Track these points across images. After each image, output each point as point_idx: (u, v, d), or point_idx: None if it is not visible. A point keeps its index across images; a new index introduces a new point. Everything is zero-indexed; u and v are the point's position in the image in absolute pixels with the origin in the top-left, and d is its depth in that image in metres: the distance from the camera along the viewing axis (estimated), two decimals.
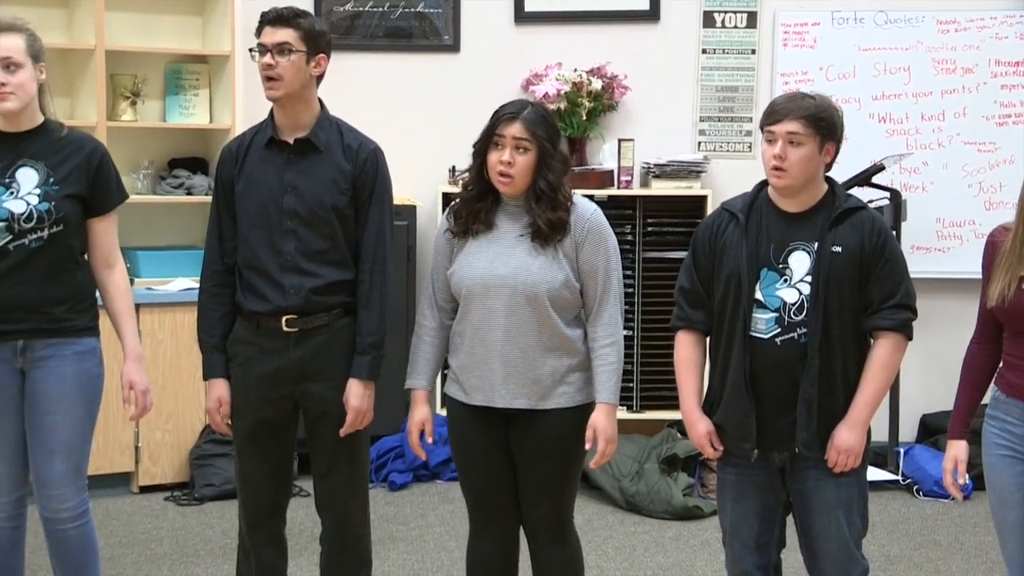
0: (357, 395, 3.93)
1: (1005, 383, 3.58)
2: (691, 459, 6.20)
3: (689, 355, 3.81)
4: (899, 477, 6.46)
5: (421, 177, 6.71)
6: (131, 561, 5.31)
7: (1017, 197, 3.55)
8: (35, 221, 3.81)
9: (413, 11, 6.89)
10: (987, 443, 3.62)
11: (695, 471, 6.23)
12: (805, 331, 3.58)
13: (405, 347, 4.01)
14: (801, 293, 3.59)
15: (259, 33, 3.91)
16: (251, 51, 3.93)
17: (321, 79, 3.98)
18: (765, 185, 3.73)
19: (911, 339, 3.68)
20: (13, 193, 3.82)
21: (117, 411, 4.19)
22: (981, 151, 6.92)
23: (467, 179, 3.86)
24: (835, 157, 3.66)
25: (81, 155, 3.90)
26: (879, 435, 4.18)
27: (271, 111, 3.99)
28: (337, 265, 3.95)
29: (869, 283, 3.61)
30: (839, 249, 3.59)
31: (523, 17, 6.93)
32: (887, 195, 6.49)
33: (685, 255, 3.87)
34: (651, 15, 6.95)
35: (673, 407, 6.51)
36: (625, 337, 3.89)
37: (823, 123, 3.59)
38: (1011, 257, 3.49)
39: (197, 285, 4.18)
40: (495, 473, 3.85)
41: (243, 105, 6.35)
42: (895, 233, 5.97)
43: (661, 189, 6.75)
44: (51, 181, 3.84)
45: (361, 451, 4.07)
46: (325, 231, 3.91)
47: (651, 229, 6.74)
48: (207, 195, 6.18)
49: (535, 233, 3.72)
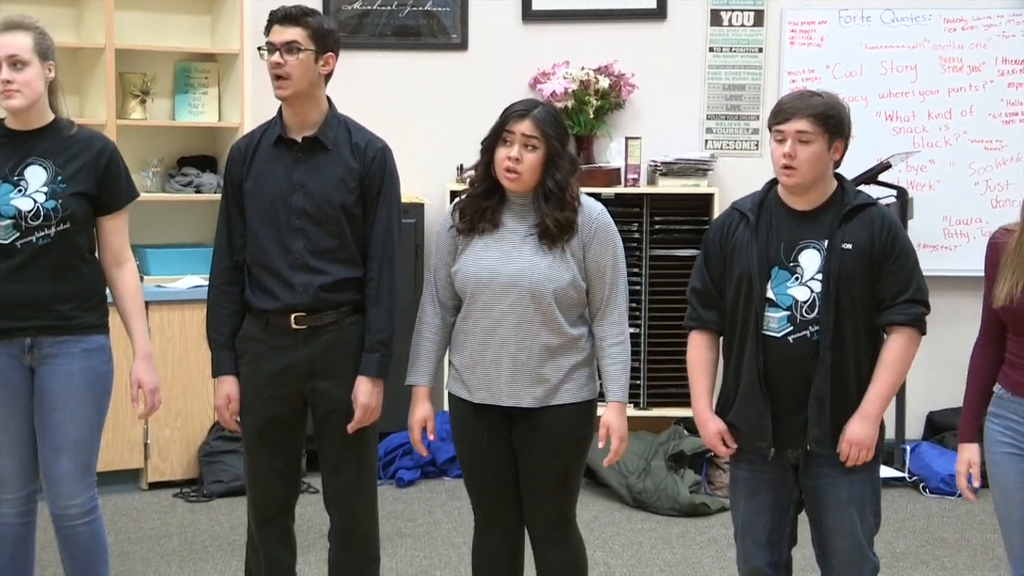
0: (365, 392, 3.94)
1: (1010, 382, 3.57)
2: (698, 456, 6.21)
3: (701, 355, 3.81)
4: (905, 474, 6.46)
5: (429, 175, 6.72)
6: (140, 557, 5.33)
7: (1023, 196, 3.54)
8: (42, 219, 3.82)
9: (421, 10, 6.90)
10: (991, 441, 3.61)
11: (702, 468, 6.24)
12: (817, 328, 3.59)
13: None
14: (812, 291, 3.60)
15: (268, 32, 3.92)
16: (260, 50, 3.94)
17: (329, 77, 3.99)
18: (774, 184, 3.73)
19: (924, 334, 3.68)
20: (21, 191, 3.82)
21: (126, 408, 4.20)
22: (988, 149, 6.92)
23: (474, 176, 3.86)
24: (843, 154, 3.66)
25: (90, 153, 3.91)
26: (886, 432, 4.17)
27: (280, 109, 4.00)
28: (345, 263, 3.95)
29: (881, 279, 3.61)
30: (849, 246, 3.59)
31: (531, 15, 6.94)
32: (894, 193, 6.50)
33: (697, 255, 3.86)
34: (658, 13, 6.96)
35: (680, 404, 6.55)
36: (632, 334, 3.90)
37: (832, 121, 3.59)
38: (1017, 257, 3.48)
39: (206, 283, 4.18)
40: (499, 470, 3.85)
41: (252, 103, 6.37)
42: None
43: (668, 187, 6.75)
44: (59, 179, 3.85)
45: (369, 448, 4.08)
46: (333, 229, 3.92)
47: (658, 227, 6.74)
48: (216, 193, 6.18)
49: (543, 233, 3.72)
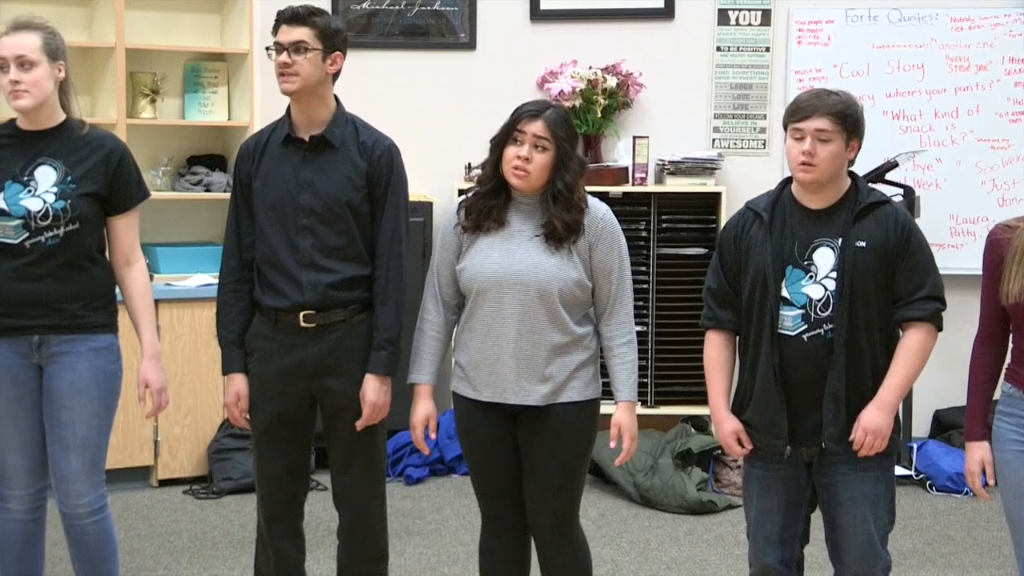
0: (373, 390, 3.95)
1: (1020, 379, 3.56)
2: (705, 454, 6.22)
3: (717, 354, 3.81)
4: (912, 472, 6.47)
5: (437, 174, 6.74)
6: (151, 554, 5.35)
7: None
8: (51, 219, 3.83)
9: (429, 9, 6.91)
10: (1001, 439, 3.58)
11: (709, 466, 6.25)
12: (831, 327, 3.59)
13: None
14: (827, 289, 3.60)
15: (275, 31, 3.94)
16: (267, 50, 3.96)
17: (337, 77, 4.00)
18: (788, 183, 3.73)
19: (941, 330, 3.67)
20: (31, 191, 3.83)
21: (136, 406, 4.21)
22: (994, 148, 6.92)
23: (481, 174, 3.87)
24: (858, 153, 3.67)
25: (100, 154, 3.91)
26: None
27: (288, 108, 4.02)
28: (353, 261, 3.97)
29: (896, 276, 3.61)
30: (863, 244, 3.59)
31: (539, 15, 6.95)
32: (901, 192, 6.49)
33: (704, 253, 3.88)
34: (666, 13, 6.97)
35: (687, 402, 6.55)
36: (640, 333, 3.90)
37: (850, 120, 3.60)
38: None
39: (216, 281, 4.19)
40: (505, 469, 3.86)
41: (261, 102, 6.38)
42: None
43: (675, 186, 6.75)
44: (68, 180, 3.85)
45: (378, 446, 4.09)
46: (341, 227, 3.94)
47: (665, 225, 6.73)
48: (225, 192, 6.21)
49: (549, 233, 3.73)
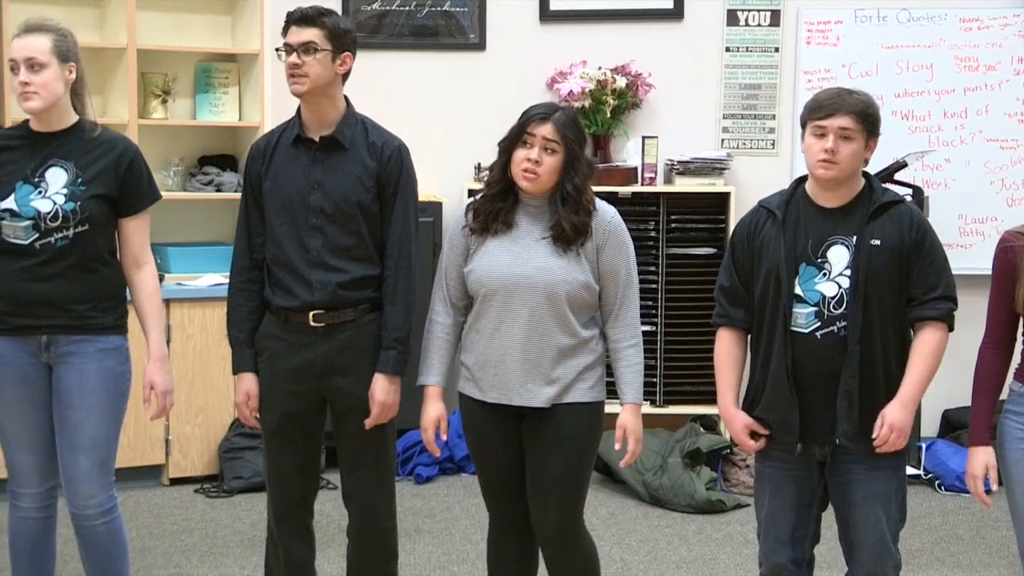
0: (382, 389, 3.96)
1: None
2: (714, 453, 6.23)
3: (728, 352, 3.81)
4: (921, 472, 6.47)
5: (447, 174, 6.75)
6: (161, 552, 5.37)
7: None
8: (60, 220, 3.83)
9: (439, 10, 6.93)
10: (1008, 438, 3.61)
11: (718, 465, 6.26)
12: (845, 324, 3.58)
13: None
14: (840, 287, 3.60)
15: (285, 32, 3.95)
16: (277, 51, 3.97)
17: (347, 77, 4.02)
18: (802, 182, 3.74)
19: (952, 330, 3.68)
20: (41, 192, 3.84)
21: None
22: (1003, 148, 6.92)
23: (490, 177, 3.88)
24: (872, 152, 3.67)
25: (111, 156, 3.91)
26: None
27: (298, 109, 4.03)
28: (363, 261, 3.98)
29: (911, 276, 3.61)
30: (878, 242, 3.59)
31: (548, 16, 6.97)
32: (909, 192, 6.48)
33: (714, 253, 3.88)
34: (675, 13, 6.98)
35: (696, 402, 6.55)
36: (648, 332, 3.91)
37: (871, 119, 3.60)
38: None
39: (226, 281, 4.21)
40: (510, 468, 3.86)
41: (272, 103, 6.39)
42: None
43: (685, 186, 6.77)
44: (79, 181, 3.86)
45: (387, 445, 4.10)
46: (351, 227, 3.95)
47: (674, 225, 6.73)
48: (236, 192, 6.23)
49: (557, 235, 3.74)
